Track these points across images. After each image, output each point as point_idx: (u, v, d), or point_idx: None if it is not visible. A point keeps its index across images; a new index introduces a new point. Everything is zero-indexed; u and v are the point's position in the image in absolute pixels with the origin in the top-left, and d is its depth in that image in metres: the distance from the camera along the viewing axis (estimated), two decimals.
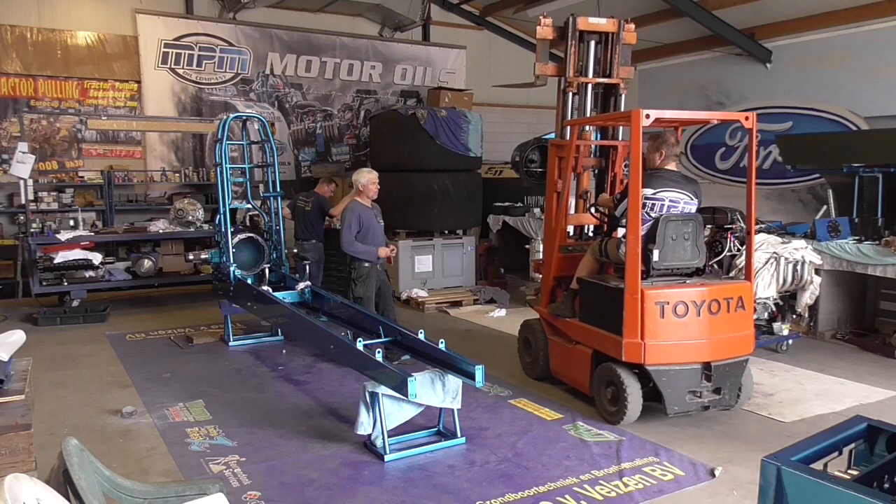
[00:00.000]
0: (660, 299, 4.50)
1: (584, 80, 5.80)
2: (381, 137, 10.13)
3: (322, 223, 8.20)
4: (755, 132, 4.92)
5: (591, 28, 5.74)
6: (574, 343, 5.20)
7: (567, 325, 5.27)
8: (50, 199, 9.67)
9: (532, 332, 5.87)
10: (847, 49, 9.75)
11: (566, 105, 5.82)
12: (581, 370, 5.10)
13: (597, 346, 4.91)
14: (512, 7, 12.32)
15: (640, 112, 4.44)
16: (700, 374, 4.59)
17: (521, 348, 6.08)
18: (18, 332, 3.32)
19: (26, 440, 2.63)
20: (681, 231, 4.65)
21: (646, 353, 4.50)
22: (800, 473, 1.91)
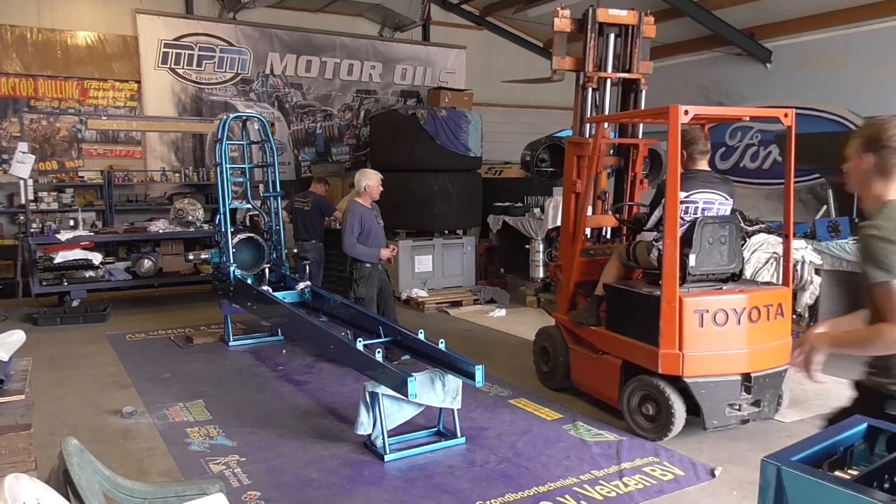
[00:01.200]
0: (699, 307, 4.28)
1: (604, 75, 5.53)
2: (381, 137, 10.13)
3: (322, 223, 8.20)
4: (794, 129, 4.68)
5: (611, 20, 5.47)
6: (600, 353, 4.93)
7: (592, 334, 5.02)
8: (50, 199, 9.67)
9: (550, 340, 5.57)
10: (847, 49, 9.75)
11: (585, 101, 5.54)
12: (608, 382, 4.81)
13: (627, 357, 4.65)
14: (512, 7, 12.32)
15: (678, 108, 4.20)
16: (740, 385, 4.35)
17: (538, 357, 5.77)
18: (18, 332, 3.32)
19: (26, 440, 2.63)
20: (717, 234, 4.46)
21: (684, 365, 4.25)
22: (800, 473, 1.91)
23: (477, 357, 4.57)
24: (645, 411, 4.54)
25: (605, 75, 5.54)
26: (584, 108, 5.55)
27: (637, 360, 4.55)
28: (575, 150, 5.43)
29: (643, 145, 5.62)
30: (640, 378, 4.53)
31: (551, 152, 6.64)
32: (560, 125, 14.12)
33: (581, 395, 5.27)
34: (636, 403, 4.58)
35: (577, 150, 5.42)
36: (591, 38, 5.45)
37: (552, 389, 5.49)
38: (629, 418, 4.62)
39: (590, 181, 5.22)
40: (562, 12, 5.47)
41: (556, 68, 5.52)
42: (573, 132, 5.68)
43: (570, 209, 5.45)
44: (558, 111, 13.97)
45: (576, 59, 5.55)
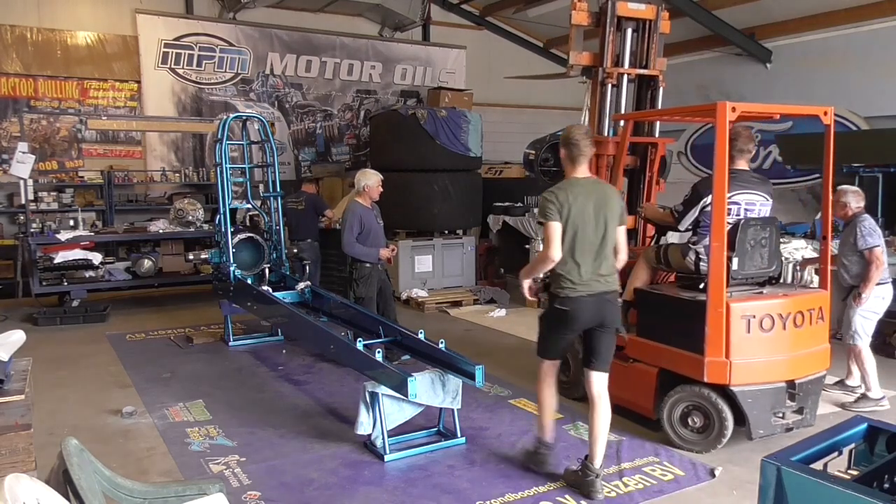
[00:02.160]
0: (745, 313, 4.12)
1: (623, 71, 5.34)
2: (381, 137, 10.13)
3: (316, 222, 8.21)
4: (833, 128, 4.50)
5: (629, 14, 5.31)
6: (630, 361, 4.71)
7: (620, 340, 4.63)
8: (50, 199, 9.67)
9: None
10: (847, 49, 9.75)
11: (604, 98, 5.33)
12: (641, 392, 4.61)
13: (666, 366, 4.45)
14: (512, 7, 12.33)
15: (725, 105, 4.02)
16: (784, 393, 4.23)
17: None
18: (18, 332, 3.32)
19: (26, 440, 2.63)
20: (759, 237, 4.31)
21: (731, 373, 4.09)
22: (800, 473, 1.91)
23: (477, 357, 4.57)
24: (691, 423, 4.33)
25: (624, 71, 5.34)
26: (602, 104, 5.35)
27: (678, 368, 4.34)
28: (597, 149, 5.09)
29: (661, 144, 5.45)
30: (685, 388, 4.31)
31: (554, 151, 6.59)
32: (560, 125, 14.10)
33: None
34: (679, 415, 4.37)
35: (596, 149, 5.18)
36: (609, 32, 5.25)
37: (572, 399, 5.18)
38: (670, 431, 4.40)
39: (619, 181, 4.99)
40: (579, 5, 5.28)
41: (574, 63, 5.32)
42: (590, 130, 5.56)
43: None
44: (558, 111, 13.98)
45: (592, 54, 5.36)
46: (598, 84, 5.36)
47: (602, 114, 5.32)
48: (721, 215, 4.09)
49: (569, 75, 5.52)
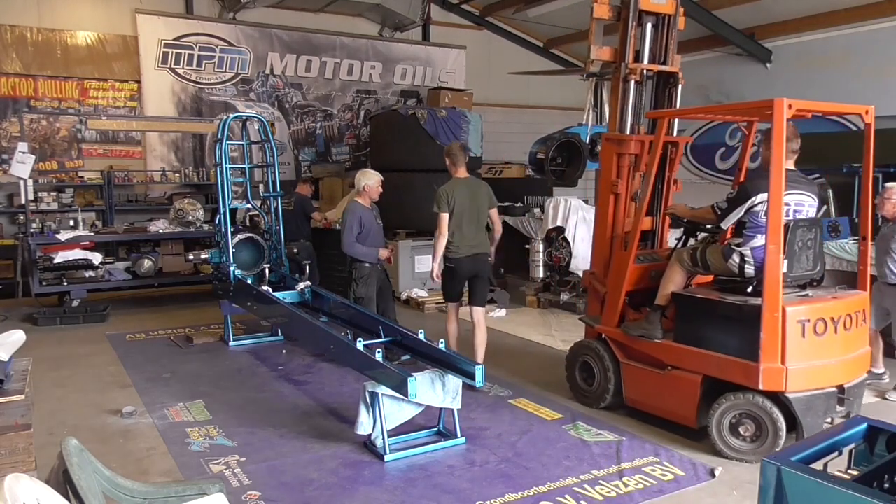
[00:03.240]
0: (801, 317, 3.99)
1: (646, 67, 5.11)
2: (381, 137, 10.12)
3: (306, 222, 8.22)
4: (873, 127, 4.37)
5: (650, 9, 5.11)
6: (668, 368, 4.52)
7: (656, 348, 4.59)
8: (50, 199, 9.67)
9: (594, 355, 5.08)
10: (847, 49, 9.76)
11: (626, 95, 5.08)
12: (682, 400, 4.43)
13: (712, 373, 4.26)
14: (512, 7, 12.33)
15: (782, 101, 3.88)
16: (835, 397, 4.13)
17: (575, 375, 5.28)
18: (18, 332, 3.32)
19: (26, 440, 2.63)
20: (806, 238, 4.21)
21: (787, 380, 3.95)
22: (800, 473, 1.91)
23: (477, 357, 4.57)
24: (742, 432, 4.17)
25: (648, 67, 5.11)
26: (624, 102, 5.11)
27: (727, 376, 4.17)
28: (616, 148, 5.04)
29: (681, 143, 5.27)
30: (736, 396, 4.15)
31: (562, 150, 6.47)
32: (561, 125, 14.14)
33: (636, 414, 4.87)
34: (729, 424, 4.20)
35: (618, 148, 5.03)
36: (632, 26, 5.03)
37: (596, 409, 5.06)
38: (719, 440, 4.23)
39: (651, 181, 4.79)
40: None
41: (595, 58, 5.12)
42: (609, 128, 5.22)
43: (607, 212, 5.09)
44: (557, 111, 13.99)
45: (613, 49, 5.14)
46: (619, 81, 5.11)
47: (624, 111, 5.07)
48: (778, 216, 3.95)
49: (588, 70, 5.35)
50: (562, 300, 8.62)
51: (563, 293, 8.62)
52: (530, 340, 7.30)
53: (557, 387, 5.61)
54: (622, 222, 5.09)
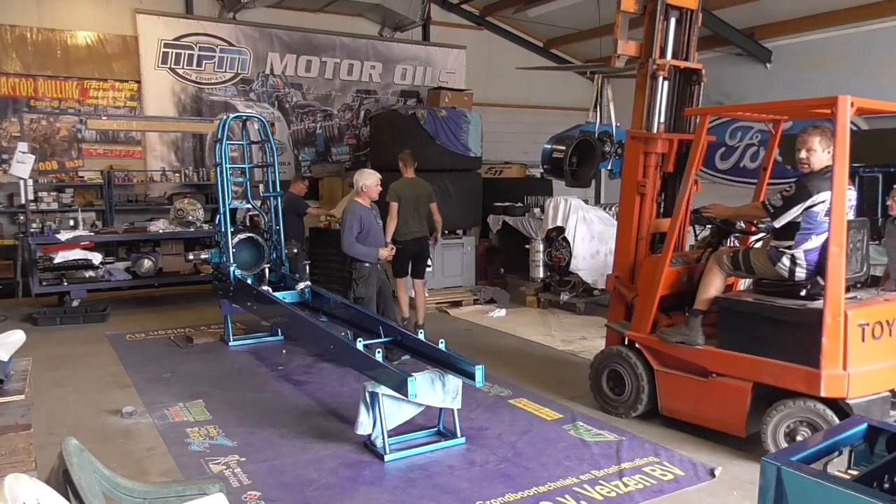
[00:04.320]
0: (861, 321, 3.89)
1: (675, 63, 4.94)
2: (381, 137, 10.12)
3: (298, 222, 8.22)
4: None
5: (675, 3, 4.98)
6: (712, 376, 4.36)
7: (697, 355, 4.41)
8: (50, 199, 9.66)
9: (624, 363, 4.88)
10: (847, 49, 9.76)
11: (654, 92, 4.90)
12: (729, 408, 4.27)
13: (764, 380, 4.12)
14: (512, 7, 12.33)
15: (846, 99, 3.77)
16: (889, 401, 4.05)
17: (602, 384, 5.05)
18: (18, 332, 3.32)
19: (26, 440, 2.63)
20: (854, 239, 4.12)
21: (850, 385, 3.83)
22: (800, 473, 1.91)
23: (477, 357, 4.57)
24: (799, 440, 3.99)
25: (675, 63, 4.95)
26: (652, 99, 4.93)
27: (783, 383, 4.04)
28: (643, 147, 4.87)
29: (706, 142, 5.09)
30: (792, 402, 4.01)
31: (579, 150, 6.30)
32: (561, 124, 14.13)
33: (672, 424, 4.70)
34: (785, 432, 4.06)
35: (645, 147, 4.86)
36: (659, 20, 4.87)
37: (625, 418, 4.87)
38: (774, 450, 4.04)
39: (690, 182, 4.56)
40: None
41: (622, 53, 4.92)
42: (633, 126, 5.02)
43: (632, 213, 4.92)
44: (558, 111, 13.99)
45: (638, 44, 4.97)
46: (645, 77, 4.92)
47: (651, 109, 4.90)
48: (842, 217, 3.84)
49: (614, 65, 5.02)
50: (562, 300, 8.62)
51: (563, 293, 8.62)
52: (530, 340, 7.30)
53: (557, 387, 5.62)
54: (647, 224, 4.93)
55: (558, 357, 6.67)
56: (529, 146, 13.44)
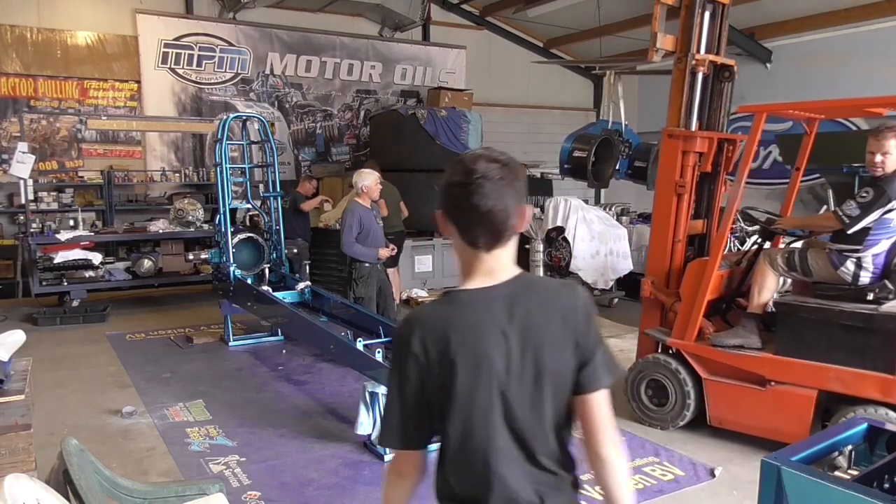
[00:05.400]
0: None
1: (713, 59, 4.79)
2: (381, 137, 10.13)
3: (303, 221, 8.23)
4: None
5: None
6: (770, 384, 4.19)
7: (754, 362, 4.25)
8: (50, 199, 9.66)
9: (665, 372, 4.64)
10: (847, 49, 9.76)
11: (693, 88, 4.77)
12: (793, 417, 4.09)
13: (832, 388, 3.97)
14: (512, 7, 12.33)
15: None
16: None
17: (640, 395, 4.81)
18: (18, 332, 3.32)
19: (26, 440, 2.63)
20: None
21: None
22: (800, 473, 1.91)
23: None
24: None
25: (714, 59, 4.80)
26: (691, 96, 4.79)
27: (854, 390, 3.91)
28: (681, 145, 4.70)
29: (738, 141, 4.95)
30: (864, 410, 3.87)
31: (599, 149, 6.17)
32: (561, 125, 14.16)
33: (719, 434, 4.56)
34: None
35: (684, 145, 4.70)
36: (697, 13, 4.71)
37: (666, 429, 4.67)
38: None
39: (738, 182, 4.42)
40: None
41: (660, 47, 4.73)
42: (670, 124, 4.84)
43: (669, 214, 4.75)
44: (558, 111, 14.00)
45: (674, 38, 4.82)
46: (682, 73, 4.76)
47: (690, 106, 4.76)
48: None
49: (652, 60, 4.80)
50: None
51: None
52: None
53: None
54: (685, 225, 4.77)
55: None
56: (529, 146, 13.45)
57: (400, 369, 1.54)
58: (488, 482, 1.54)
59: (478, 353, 1.50)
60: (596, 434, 1.62)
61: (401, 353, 1.54)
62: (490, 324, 1.51)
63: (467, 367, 1.49)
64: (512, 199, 1.50)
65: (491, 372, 1.50)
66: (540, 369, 1.52)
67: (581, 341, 1.54)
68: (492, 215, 1.48)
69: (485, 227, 1.50)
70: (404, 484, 1.67)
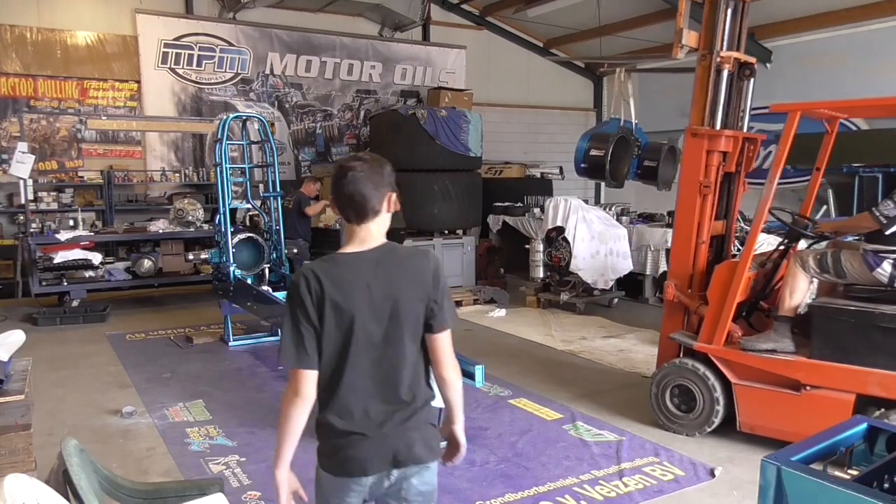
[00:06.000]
0: None
1: (738, 56, 4.69)
2: (381, 137, 10.12)
3: (304, 221, 8.23)
4: None
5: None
6: (805, 388, 4.10)
7: (788, 366, 4.15)
8: (50, 199, 9.66)
9: (692, 377, 4.52)
10: (847, 49, 9.76)
11: (718, 86, 4.65)
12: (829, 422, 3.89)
13: (872, 392, 3.91)
14: (512, 7, 12.33)
15: None
16: None
17: (665, 401, 4.67)
18: (18, 332, 3.33)
19: (26, 440, 2.64)
20: None
21: None
22: (800, 473, 1.91)
23: (477, 357, 4.57)
24: None
25: (739, 56, 4.70)
26: (716, 94, 4.68)
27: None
28: (706, 144, 4.61)
29: (759, 141, 4.86)
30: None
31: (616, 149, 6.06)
32: (561, 125, 14.18)
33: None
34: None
35: (709, 144, 4.61)
36: (722, 9, 4.61)
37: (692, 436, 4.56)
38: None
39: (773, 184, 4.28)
40: None
41: (685, 44, 4.62)
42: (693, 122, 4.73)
43: (693, 215, 4.66)
44: (558, 111, 14.02)
45: (698, 34, 4.73)
46: (707, 70, 4.66)
47: (715, 104, 4.67)
48: None
49: (676, 56, 4.66)
50: (562, 300, 8.62)
51: (563, 293, 8.62)
52: (530, 340, 7.30)
53: (557, 387, 5.62)
54: (708, 226, 4.68)
55: (558, 357, 6.66)
56: (529, 146, 13.46)
57: (293, 306, 2.02)
58: (348, 406, 2.04)
59: (347, 299, 2.00)
60: (441, 362, 2.12)
61: (294, 294, 2.02)
62: (358, 278, 2.02)
63: (338, 311, 1.99)
64: (370, 188, 2.03)
65: (355, 314, 2.00)
66: (397, 314, 2.04)
67: (430, 294, 2.07)
68: (354, 199, 2.03)
69: (352, 207, 2.05)
70: (300, 403, 2.03)
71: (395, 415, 2.05)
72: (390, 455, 2.04)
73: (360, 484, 2.06)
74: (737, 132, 4.71)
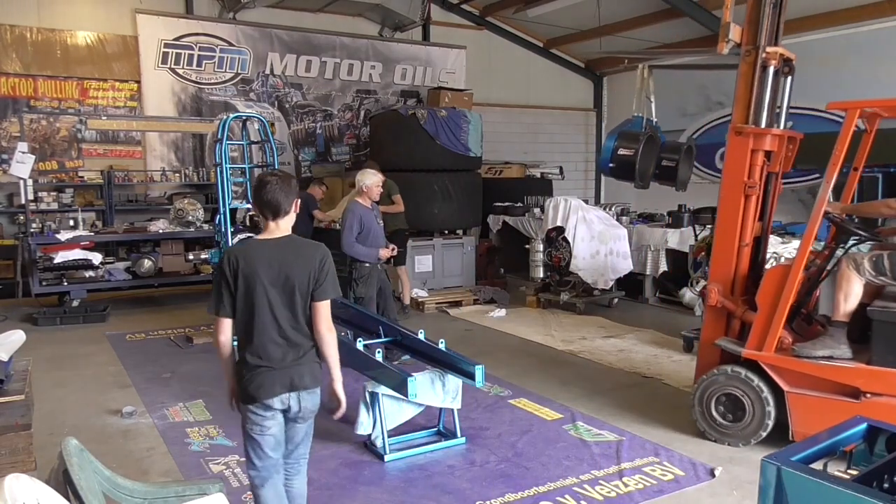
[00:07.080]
0: None
1: (782, 52, 4.54)
2: (381, 137, 10.13)
3: (309, 222, 8.23)
4: None
5: None
6: (866, 396, 3.94)
7: (846, 373, 4.00)
8: (50, 199, 9.66)
9: (741, 385, 4.33)
10: (847, 49, 9.75)
11: (763, 83, 4.48)
12: None
13: None
14: (512, 7, 12.33)
15: None
16: None
17: (711, 411, 4.47)
18: (18, 332, 3.32)
19: (26, 440, 2.64)
20: None
21: None
22: (800, 473, 1.91)
23: (477, 357, 4.57)
24: None
25: (783, 52, 4.55)
26: (761, 91, 4.51)
27: None
28: (751, 143, 4.44)
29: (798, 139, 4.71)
30: None
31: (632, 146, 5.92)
32: (561, 125, 14.19)
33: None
34: None
35: (753, 144, 4.44)
36: (766, 3, 4.46)
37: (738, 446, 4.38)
38: None
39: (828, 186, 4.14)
40: None
41: (731, 38, 4.47)
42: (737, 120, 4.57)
43: (736, 216, 4.49)
44: (558, 111, 14.02)
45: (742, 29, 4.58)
46: (751, 67, 4.50)
47: (760, 102, 4.50)
48: None
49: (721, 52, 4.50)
50: (562, 300, 8.62)
51: (563, 293, 8.62)
52: (530, 340, 7.30)
53: (557, 387, 5.62)
54: (752, 228, 4.53)
55: (558, 357, 6.67)
56: (529, 146, 13.47)
57: (218, 275, 2.90)
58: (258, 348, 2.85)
59: (254, 271, 2.82)
60: (319, 323, 2.91)
61: (219, 267, 2.89)
62: (264, 257, 2.85)
63: (248, 279, 2.82)
64: (282, 195, 2.87)
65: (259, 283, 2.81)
66: (291, 286, 2.84)
67: (314, 273, 2.87)
68: (271, 203, 2.87)
69: (269, 208, 2.88)
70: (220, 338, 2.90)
71: (289, 353, 2.86)
72: (288, 382, 2.84)
73: (271, 408, 2.83)
74: (783, 131, 4.57)
